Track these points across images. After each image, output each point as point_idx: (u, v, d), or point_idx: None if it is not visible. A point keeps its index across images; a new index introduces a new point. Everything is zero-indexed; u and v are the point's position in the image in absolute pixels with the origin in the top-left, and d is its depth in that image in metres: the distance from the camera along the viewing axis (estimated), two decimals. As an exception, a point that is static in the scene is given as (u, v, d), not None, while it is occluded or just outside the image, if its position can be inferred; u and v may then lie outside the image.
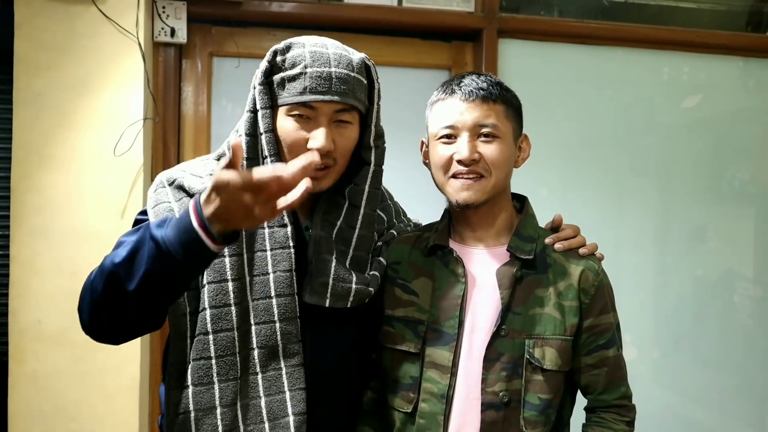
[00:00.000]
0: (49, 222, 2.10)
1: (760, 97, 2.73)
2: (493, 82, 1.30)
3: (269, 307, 1.23)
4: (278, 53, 1.25)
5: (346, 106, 1.23)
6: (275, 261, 1.23)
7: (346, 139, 1.26)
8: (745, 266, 2.73)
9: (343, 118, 1.24)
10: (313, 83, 1.21)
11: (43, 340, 2.09)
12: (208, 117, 2.40)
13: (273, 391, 1.22)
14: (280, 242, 1.24)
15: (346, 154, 1.28)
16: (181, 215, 1.04)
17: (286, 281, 1.23)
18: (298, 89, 1.21)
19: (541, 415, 1.25)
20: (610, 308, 1.32)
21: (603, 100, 2.62)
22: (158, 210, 1.23)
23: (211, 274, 1.21)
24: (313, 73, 1.21)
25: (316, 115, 1.22)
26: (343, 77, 1.22)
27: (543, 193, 2.54)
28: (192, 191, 1.24)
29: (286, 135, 1.24)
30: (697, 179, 2.69)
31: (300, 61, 1.22)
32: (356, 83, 1.25)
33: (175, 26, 2.27)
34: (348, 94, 1.23)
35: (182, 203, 1.24)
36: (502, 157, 1.27)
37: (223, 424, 1.20)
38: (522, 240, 1.31)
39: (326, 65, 1.22)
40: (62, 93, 2.11)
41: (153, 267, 1.03)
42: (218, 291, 1.21)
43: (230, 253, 1.22)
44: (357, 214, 1.31)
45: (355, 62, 1.26)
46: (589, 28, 2.58)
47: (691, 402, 2.67)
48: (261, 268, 1.23)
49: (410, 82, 2.51)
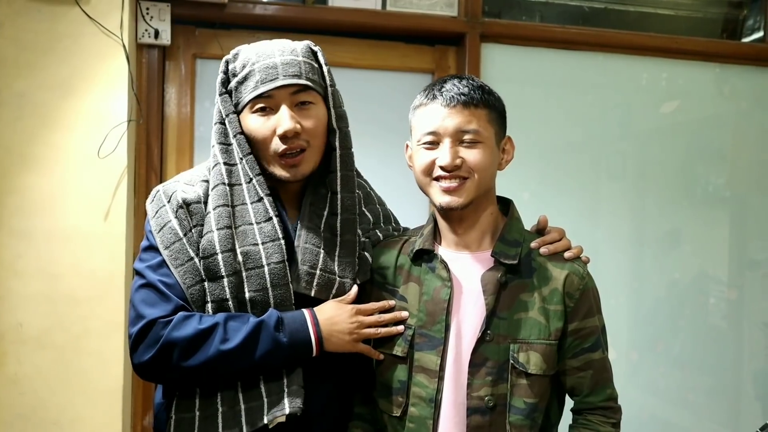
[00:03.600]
0: (31, 224, 2.08)
1: (735, 103, 2.78)
2: (475, 86, 1.30)
3: (266, 299, 1.28)
4: (229, 62, 1.35)
5: (300, 87, 1.30)
6: (268, 254, 1.28)
7: (312, 119, 1.32)
8: (719, 269, 2.78)
9: (303, 98, 1.31)
10: (263, 75, 1.28)
11: (25, 342, 2.07)
12: (192, 119, 2.39)
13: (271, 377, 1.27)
14: (270, 236, 1.29)
15: (317, 134, 1.33)
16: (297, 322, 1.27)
17: (281, 272, 1.28)
18: (251, 86, 1.29)
19: (527, 419, 1.27)
20: (596, 311, 1.34)
21: (583, 105, 2.66)
22: (164, 234, 1.29)
23: (209, 272, 1.28)
24: (261, 66, 1.29)
25: (276, 103, 1.29)
26: (289, 62, 1.30)
27: (524, 196, 2.57)
28: (187, 201, 1.31)
29: (254, 132, 1.31)
30: (673, 184, 2.73)
31: (248, 62, 1.30)
32: (304, 65, 1.32)
33: (159, 28, 2.26)
34: (298, 75, 1.30)
35: (179, 217, 1.30)
36: (485, 161, 1.29)
37: (223, 401, 1.25)
38: (507, 244, 1.32)
39: (271, 57, 1.30)
40: (45, 94, 2.09)
41: (266, 361, 1.24)
42: (216, 288, 1.27)
43: (222, 249, 1.27)
44: (336, 199, 1.36)
45: (299, 49, 1.34)
46: (570, 33, 2.61)
47: (667, 403, 2.71)
48: (255, 262, 1.28)
49: (394, 85, 2.51)
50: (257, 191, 1.31)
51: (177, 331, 1.22)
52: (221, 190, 1.30)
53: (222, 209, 1.29)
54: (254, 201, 1.31)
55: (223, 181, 1.31)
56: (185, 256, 1.27)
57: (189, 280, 1.27)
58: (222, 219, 1.28)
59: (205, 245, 1.27)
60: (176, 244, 1.28)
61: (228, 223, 1.28)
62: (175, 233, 1.28)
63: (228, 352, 1.21)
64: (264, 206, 1.30)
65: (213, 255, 1.26)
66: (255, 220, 1.29)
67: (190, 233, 1.29)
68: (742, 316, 2.78)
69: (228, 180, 1.31)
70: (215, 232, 1.27)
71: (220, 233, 1.27)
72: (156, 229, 1.30)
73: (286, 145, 1.29)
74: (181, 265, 1.27)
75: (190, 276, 1.27)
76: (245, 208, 1.31)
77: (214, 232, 1.27)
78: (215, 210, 1.29)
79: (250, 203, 1.31)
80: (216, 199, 1.29)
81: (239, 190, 1.31)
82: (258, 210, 1.30)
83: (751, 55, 2.78)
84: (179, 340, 1.21)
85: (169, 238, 1.28)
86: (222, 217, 1.28)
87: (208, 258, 1.26)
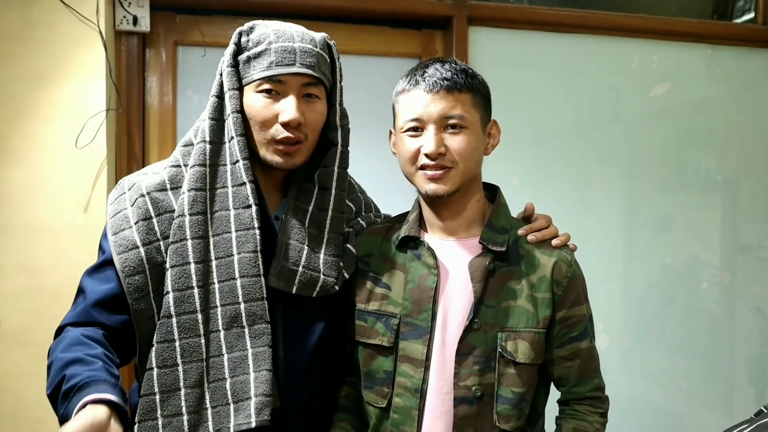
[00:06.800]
0: (7, 218, 2.03)
1: (726, 85, 2.75)
2: (459, 70, 1.27)
3: (233, 288, 1.23)
4: (243, 34, 1.29)
5: (313, 79, 1.27)
6: (240, 243, 1.24)
7: (316, 114, 1.29)
8: (711, 254, 2.76)
9: (311, 91, 1.28)
10: (279, 57, 1.24)
11: (4, 339, 2.03)
12: (174, 107, 2.34)
13: (238, 372, 1.22)
14: (245, 224, 1.24)
15: (316, 129, 1.30)
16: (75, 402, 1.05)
17: (251, 262, 1.23)
18: (265, 64, 1.25)
19: (514, 409, 1.25)
20: (583, 299, 1.32)
21: (573, 88, 2.62)
22: (115, 220, 1.26)
23: (173, 258, 1.22)
24: (278, 48, 1.25)
25: (285, 89, 1.25)
26: (307, 50, 1.26)
27: (514, 182, 2.53)
28: (150, 189, 1.27)
29: (256, 112, 1.26)
30: (664, 167, 2.70)
31: (264, 39, 1.26)
32: (320, 58, 1.29)
33: (138, 14, 2.20)
34: (314, 67, 1.27)
35: (137, 205, 1.26)
36: (470, 147, 1.26)
37: (187, 405, 1.20)
38: (494, 231, 1.29)
39: (290, 40, 1.26)
40: (20, 84, 2.04)
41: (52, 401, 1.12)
42: (181, 274, 1.22)
43: (192, 235, 1.23)
44: (328, 196, 1.32)
45: (317, 39, 1.31)
46: (560, 15, 2.57)
47: (660, 389, 2.70)
48: (225, 251, 1.24)
49: (380, 70, 2.47)
50: (242, 175, 1.25)
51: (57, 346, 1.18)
52: (199, 172, 1.25)
53: (197, 193, 1.24)
54: (236, 185, 1.26)
55: (204, 162, 1.26)
56: (130, 243, 1.22)
57: (129, 269, 1.21)
58: (197, 204, 1.23)
59: (174, 229, 1.23)
60: (125, 231, 1.23)
61: (202, 208, 1.24)
62: (126, 220, 1.25)
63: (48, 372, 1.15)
64: (245, 192, 1.25)
65: (182, 240, 1.22)
66: (233, 205, 1.25)
67: (144, 221, 1.24)
68: (734, 300, 2.77)
69: (210, 160, 1.26)
70: (187, 216, 1.23)
71: (192, 219, 1.23)
72: (110, 215, 1.27)
73: (287, 132, 1.25)
74: (124, 251, 1.22)
75: (131, 265, 1.21)
76: (225, 191, 1.26)
77: (186, 217, 1.23)
78: (189, 192, 1.24)
79: (231, 186, 1.26)
80: (192, 182, 1.24)
81: (222, 171, 1.27)
82: (238, 195, 1.25)
83: (742, 35, 2.75)
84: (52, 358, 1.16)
85: (119, 224, 1.25)
86: (197, 202, 1.24)
87: (177, 243, 1.22)
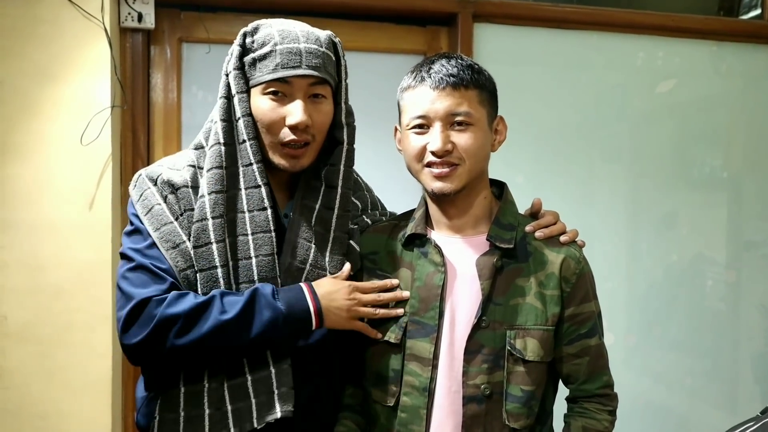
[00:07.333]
0: (13, 214, 2.03)
1: (732, 82, 2.74)
2: (465, 66, 1.25)
3: None
4: (247, 35, 1.28)
5: (320, 79, 1.26)
6: (257, 245, 1.25)
7: (323, 114, 1.28)
8: (716, 252, 2.75)
9: (318, 91, 1.27)
10: (285, 59, 1.23)
11: (8, 336, 2.03)
12: (179, 104, 2.33)
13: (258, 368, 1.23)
14: (261, 226, 1.25)
15: (323, 130, 1.30)
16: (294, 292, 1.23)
17: (269, 265, 1.25)
18: (270, 67, 1.24)
19: (523, 407, 1.24)
20: (592, 296, 1.31)
21: (578, 85, 2.61)
22: (153, 216, 1.25)
23: (201, 261, 1.23)
24: (284, 49, 1.24)
25: (292, 90, 1.25)
26: (313, 51, 1.25)
27: (518, 179, 2.52)
28: (175, 185, 1.27)
29: (263, 115, 1.26)
30: (669, 164, 2.69)
31: (269, 40, 1.25)
32: (326, 58, 1.28)
33: (142, 11, 2.20)
34: (320, 67, 1.26)
35: (169, 201, 1.26)
36: (477, 144, 1.25)
37: (210, 402, 1.21)
38: (501, 228, 1.29)
39: (296, 41, 1.25)
40: (24, 81, 2.03)
41: (265, 333, 1.19)
42: (209, 278, 1.23)
43: (217, 239, 1.23)
44: (334, 194, 1.32)
45: (322, 38, 1.29)
46: (564, 12, 2.56)
47: (664, 386, 2.69)
48: (244, 253, 1.25)
49: (385, 67, 2.46)
50: (256, 177, 1.26)
51: (173, 308, 1.16)
52: (217, 175, 1.25)
53: (218, 196, 1.24)
54: (249, 187, 1.26)
55: (221, 164, 1.25)
56: (178, 239, 1.23)
57: (181, 264, 1.23)
58: (218, 206, 1.23)
59: (198, 233, 1.23)
60: (167, 227, 1.24)
61: (223, 211, 1.24)
62: (165, 215, 1.25)
63: (226, 323, 1.17)
64: (260, 194, 1.26)
65: (207, 244, 1.22)
66: (247, 208, 1.25)
67: (181, 217, 1.25)
68: (739, 298, 2.76)
69: (226, 162, 1.26)
70: (210, 220, 1.23)
71: (215, 222, 1.23)
72: (143, 212, 1.26)
73: (294, 135, 1.25)
74: (173, 247, 1.23)
75: (182, 260, 1.23)
76: (239, 194, 1.26)
77: (209, 221, 1.23)
78: (210, 196, 1.24)
79: (245, 189, 1.26)
80: (212, 184, 1.24)
81: (235, 174, 1.27)
82: (252, 197, 1.26)
83: (748, 32, 2.73)
84: (176, 316, 1.16)
85: (160, 219, 1.24)
86: (218, 205, 1.24)
87: (202, 247, 1.22)
